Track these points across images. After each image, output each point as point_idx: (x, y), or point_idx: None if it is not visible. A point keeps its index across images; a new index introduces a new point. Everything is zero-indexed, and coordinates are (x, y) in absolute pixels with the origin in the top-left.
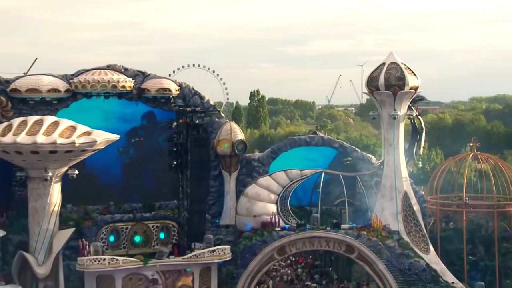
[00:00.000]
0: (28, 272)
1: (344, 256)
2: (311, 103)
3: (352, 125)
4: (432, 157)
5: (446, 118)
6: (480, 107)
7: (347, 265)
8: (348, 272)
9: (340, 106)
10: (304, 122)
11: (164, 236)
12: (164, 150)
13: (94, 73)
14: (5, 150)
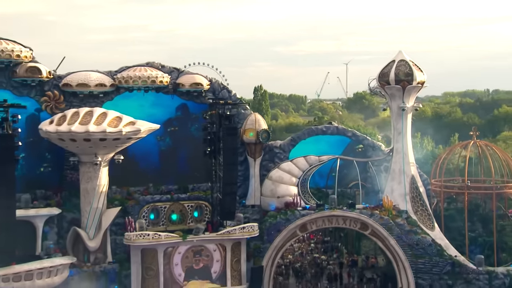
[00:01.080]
0: (80, 245)
1: (353, 232)
2: (303, 97)
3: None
4: (424, 144)
5: (427, 111)
6: (454, 101)
7: (356, 240)
8: (357, 246)
9: (328, 100)
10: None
11: (198, 214)
12: (196, 138)
13: (135, 69)
14: (61, 138)
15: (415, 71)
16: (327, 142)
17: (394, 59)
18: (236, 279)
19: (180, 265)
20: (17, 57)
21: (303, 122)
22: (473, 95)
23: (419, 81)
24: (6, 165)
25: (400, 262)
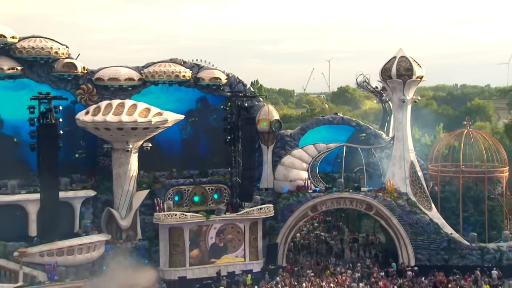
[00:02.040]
0: (113, 224)
1: (354, 213)
2: (291, 91)
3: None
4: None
5: None
6: (428, 95)
7: (358, 220)
8: (358, 225)
9: (313, 94)
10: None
11: (218, 196)
12: (214, 128)
13: (160, 65)
14: (96, 127)
15: (415, 66)
16: (333, 131)
17: (396, 56)
18: (254, 255)
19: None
20: (55, 54)
21: (296, 113)
22: (443, 89)
23: (418, 75)
24: (50, 152)
25: (401, 239)
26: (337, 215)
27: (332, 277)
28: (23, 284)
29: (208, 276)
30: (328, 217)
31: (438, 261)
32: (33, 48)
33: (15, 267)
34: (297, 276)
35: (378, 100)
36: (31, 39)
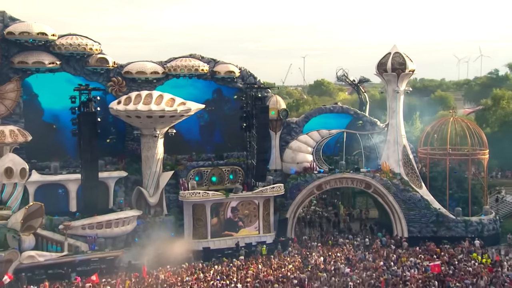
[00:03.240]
0: (142, 201)
1: (349, 190)
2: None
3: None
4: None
5: (376, 95)
6: None
7: (352, 197)
8: (353, 202)
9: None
10: None
11: (233, 177)
12: (229, 116)
13: (181, 60)
14: (128, 115)
15: (407, 61)
16: (333, 119)
17: (390, 51)
18: (266, 228)
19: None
20: (89, 50)
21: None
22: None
23: (410, 69)
24: (91, 137)
25: (396, 213)
26: (332, 193)
27: (338, 247)
28: (68, 253)
29: (227, 247)
30: (324, 195)
31: (428, 233)
32: (71, 44)
33: (61, 239)
34: (304, 246)
35: (355, 91)
36: (68, 37)
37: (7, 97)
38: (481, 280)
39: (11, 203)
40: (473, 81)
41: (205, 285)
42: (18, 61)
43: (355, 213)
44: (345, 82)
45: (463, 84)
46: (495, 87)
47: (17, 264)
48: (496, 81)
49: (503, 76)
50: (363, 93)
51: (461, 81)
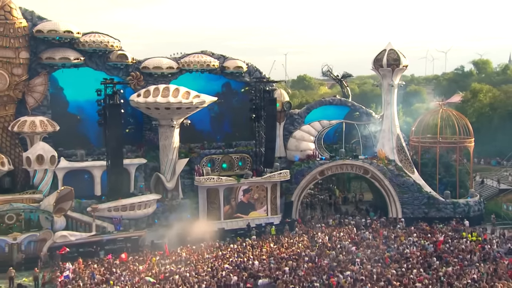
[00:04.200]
0: (160, 185)
1: (344, 176)
2: None
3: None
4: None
5: (355, 88)
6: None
7: (347, 182)
8: (348, 186)
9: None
10: None
11: (242, 164)
12: (237, 108)
13: (194, 56)
14: (148, 107)
15: (401, 57)
16: (332, 110)
17: (385, 48)
18: (274, 210)
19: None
20: (111, 47)
21: None
22: (376, 77)
23: (404, 64)
24: (116, 127)
25: (391, 196)
26: (328, 178)
27: (340, 227)
28: (96, 233)
29: (239, 227)
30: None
31: (420, 214)
32: (94, 42)
33: (89, 220)
34: (309, 227)
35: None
36: (91, 34)
37: (35, 90)
38: (474, 256)
39: (42, 187)
40: (441, 77)
41: (224, 261)
42: (46, 57)
43: (350, 197)
44: (329, 77)
45: (432, 79)
46: (461, 82)
47: (51, 242)
48: (462, 76)
49: (468, 72)
50: (346, 87)
51: (430, 77)
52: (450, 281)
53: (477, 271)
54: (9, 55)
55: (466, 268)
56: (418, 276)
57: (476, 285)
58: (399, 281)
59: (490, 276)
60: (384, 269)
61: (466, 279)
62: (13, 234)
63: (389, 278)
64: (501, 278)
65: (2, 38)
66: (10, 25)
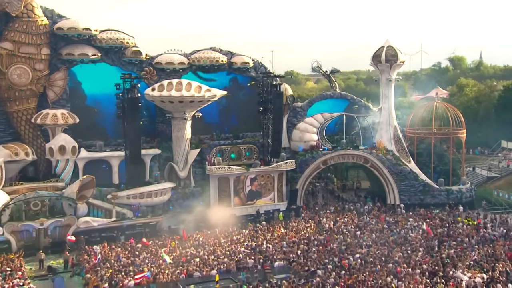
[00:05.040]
0: (173, 174)
1: (342, 165)
2: None
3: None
4: None
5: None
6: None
7: (345, 171)
8: (346, 175)
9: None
10: None
11: (249, 154)
12: (243, 101)
13: (203, 52)
14: (162, 100)
15: (398, 53)
16: (333, 103)
17: (384, 45)
18: (280, 198)
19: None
20: (126, 44)
21: None
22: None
23: (401, 60)
24: (134, 119)
25: (389, 184)
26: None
27: (344, 213)
28: (116, 219)
29: (249, 214)
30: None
31: (416, 200)
32: (110, 39)
33: (109, 207)
34: (314, 213)
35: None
36: (107, 32)
37: (56, 84)
38: (472, 239)
39: (64, 176)
40: (420, 72)
41: (240, 245)
42: (65, 53)
43: (348, 185)
44: (319, 73)
45: (411, 75)
46: (438, 77)
47: (74, 228)
48: (439, 72)
49: (444, 68)
50: (334, 82)
51: (409, 72)
52: (454, 262)
53: (478, 253)
54: (31, 51)
55: (466, 250)
56: (423, 258)
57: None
58: (406, 263)
59: (489, 257)
60: (391, 252)
61: (468, 261)
62: (39, 220)
63: (397, 260)
64: (500, 259)
65: (25, 35)
66: (32, 23)
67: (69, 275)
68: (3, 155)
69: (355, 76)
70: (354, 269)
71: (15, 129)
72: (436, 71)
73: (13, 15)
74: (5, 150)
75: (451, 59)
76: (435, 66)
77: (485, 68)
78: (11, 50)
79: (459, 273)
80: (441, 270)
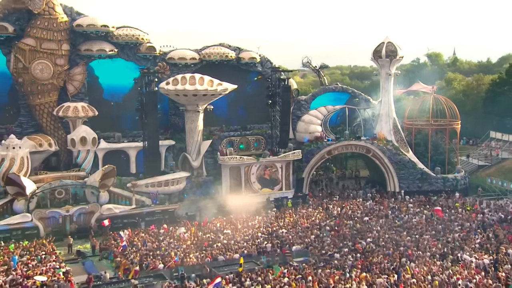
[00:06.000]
0: (187, 164)
1: (341, 155)
2: None
3: None
4: None
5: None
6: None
7: (344, 160)
8: (345, 164)
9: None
10: None
11: (257, 144)
12: (250, 94)
13: (213, 48)
14: (177, 94)
15: (397, 49)
16: (335, 96)
17: (384, 41)
18: (287, 186)
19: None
20: (141, 40)
21: None
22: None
23: (400, 56)
24: (153, 112)
25: (390, 173)
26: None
27: (349, 200)
28: (136, 206)
29: (260, 201)
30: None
31: (414, 188)
32: (126, 35)
33: (129, 195)
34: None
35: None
36: (123, 28)
37: (75, 79)
38: (473, 223)
39: (85, 165)
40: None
41: (256, 230)
42: (84, 48)
43: (347, 173)
44: (309, 68)
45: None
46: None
47: (98, 215)
48: (418, 67)
49: (423, 64)
50: (323, 76)
51: None
52: (461, 245)
53: (481, 237)
54: (53, 47)
55: (470, 234)
56: (431, 242)
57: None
58: (415, 247)
59: (493, 241)
60: (399, 236)
61: (473, 244)
62: (65, 207)
63: (407, 244)
64: (503, 242)
65: (47, 32)
66: (53, 20)
67: (98, 259)
68: (28, 146)
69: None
70: (368, 252)
71: (37, 121)
72: (415, 67)
73: (35, 12)
74: (30, 141)
75: (429, 55)
76: (414, 62)
77: (461, 63)
78: (33, 46)
79: (467, 256)
80: (449, 252)
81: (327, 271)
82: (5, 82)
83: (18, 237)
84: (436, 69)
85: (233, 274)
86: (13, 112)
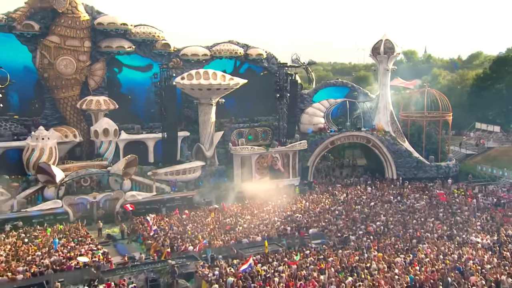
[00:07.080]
0: (200, 154)
1: (339, 146)
2: None
3: None
4: None
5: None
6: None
7: (342, 150)
8: (342, 154)
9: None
10: None
11: (264, 136)
12: (257, 89)
13: (223, 45)
14: (192, 88)
15: (395, 46)
16: (335, 90)
17: (382, 38)
18: (294, 174)
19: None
20: (157, 37)
21: None
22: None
23: (397, 52)
24: (172, 105)
25: (388, 161)
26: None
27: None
28: (156, 193)
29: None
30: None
31: (410, 175)
32: (143, 33)
33: (149, 182)
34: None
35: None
36: (140, 26)
37: (96, 74)
38: (470, 207)
39: (107, 155)
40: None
41: (271, 215)
42: (104, 45)
43: (345, 162)
44: (297, 64)
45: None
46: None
47: (122, 201)
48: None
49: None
50: (310, 72)
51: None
52: (464, 227)
53: (482, 219)
54: (76, 44)
55: (470, 216)
56: (437, 224)
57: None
58: (423, 229)
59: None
60: (406, 219)
61: (474, 226)
62: (92, 194)
63: (414, 226)
64: (503, 224)
65: (71, 30)
66: (76, 19)
67: (127, 242)
68: (55, 137)
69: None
70: (380, 234)
71: (61, 114)
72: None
73: (59, 11)
74: (56, 132)
75: (405, 53)
76: None
77: (434, 60)
78: (58, 43)
79: (473, 237)
80: (455, 234)
81: (346, 252)
82: (31, 77)
83: (51, 221)
84: (411, 66)
85: (260, 255)
86: (38, 105)
